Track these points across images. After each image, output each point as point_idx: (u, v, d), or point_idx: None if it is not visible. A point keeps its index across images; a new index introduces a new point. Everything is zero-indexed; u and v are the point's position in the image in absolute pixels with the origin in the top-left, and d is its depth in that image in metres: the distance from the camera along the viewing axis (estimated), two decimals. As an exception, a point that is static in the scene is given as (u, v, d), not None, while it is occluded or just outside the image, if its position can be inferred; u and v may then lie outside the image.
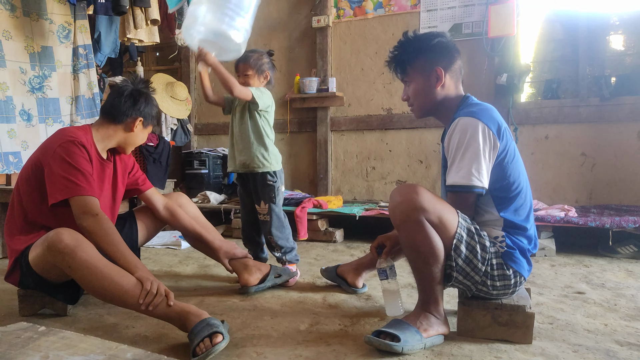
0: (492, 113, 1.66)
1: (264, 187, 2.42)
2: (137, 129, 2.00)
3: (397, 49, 1.79)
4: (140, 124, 2.00)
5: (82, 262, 1.61)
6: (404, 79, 1.80)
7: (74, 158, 1.80)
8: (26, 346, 1.01)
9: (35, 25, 3.42)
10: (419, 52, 1.73)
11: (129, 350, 1.00)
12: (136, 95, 1.98)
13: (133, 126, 1.98)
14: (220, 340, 1.46)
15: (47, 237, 1.66)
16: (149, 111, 2.02)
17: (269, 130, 2.46)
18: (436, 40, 1.73)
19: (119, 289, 1.61)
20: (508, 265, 1.61)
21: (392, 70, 1.82)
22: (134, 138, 2.03)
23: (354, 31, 4.33)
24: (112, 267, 1.64)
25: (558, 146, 3.71)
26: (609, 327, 1.76)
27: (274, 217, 2.42)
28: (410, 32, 1.78)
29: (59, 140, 1.84)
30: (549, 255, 3.03)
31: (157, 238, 3.58)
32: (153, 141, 3.94)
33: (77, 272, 1.63)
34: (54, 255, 1.64)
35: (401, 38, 1.79)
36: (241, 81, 2.41)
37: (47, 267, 1.74)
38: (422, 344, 1.54)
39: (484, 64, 3.83)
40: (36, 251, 1.73)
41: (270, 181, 2.42)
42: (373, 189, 4.35)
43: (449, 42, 1.75)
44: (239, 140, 2.45)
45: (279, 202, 2.45)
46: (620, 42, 3.81)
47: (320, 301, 2.10)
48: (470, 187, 1.58)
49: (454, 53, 1.75)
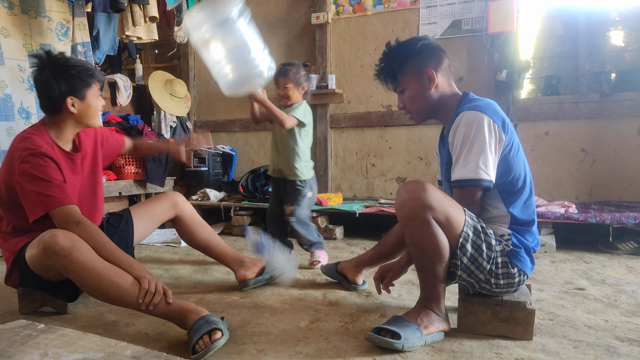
0: (495, 107, 1.65)
1: (293, 191, 2.67)
2: (76, 106, 1.84)
3: (383, 60, 1.78)
4: (73, 100, 1.83)
5: (78, 264, 1.61)
6: (396, 88, 1.79)
7: (40, 170, 1.74)
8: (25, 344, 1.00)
9: (33, 23, 3.41)
10: (407, 59, 1.73)
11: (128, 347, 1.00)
12: (46, 78, 1.80)
13: (69, 108, 1.84)
14: (219, 337, 1.45)
15: (42, 239, 1.65)
16: (70, 83, 1.82)
17: (306, 141, 2.69)
18: (420, 43, 1.73)
19: (116, 289, 1.60)
20: (513, 263, 1.61)
21: (383, 82, 1.81)
22: (84, 114, 1.88)
23: (353, 28, 4.32)
24: (109, 268, 1.63)
25: (558, 142, 3.70)
26: (610, 323, 1.76)
27: (296, 217, 2.65)
28: (392, 41, 1.78)
29: (18, 154, 1.76)
30: (549, 251, 3.03)
31: (157, 235, 3.58)
32: (152, 139, 3.93)
33: (74, 274, 1.63)
34: (50, 257, 1.63)
35: (384, 49, 1.78)
36: (281, 93, 2.63)
37: (44, 268, 1.74)
38: (422, 341, 1.54)
39: (484, 61, 3.82)
40: (32, 252, 1.72)
41: (298, 186, 2.67)
42: (373, 186, 4.34)
43: (433, 42, 1.76)
44: (280, 149, 2.69)
45: (302, 205, 2.68)
46: (620, 37, 3.80)
47: (320, 298, 2.10)
48: (477, 180, 1.57)
49: (440, 52, 1.75)
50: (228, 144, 4.87)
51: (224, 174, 4.79)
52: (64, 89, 1.81)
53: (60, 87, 1.80)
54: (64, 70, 1.81)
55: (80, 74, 1.83)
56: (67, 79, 1.81)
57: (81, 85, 1.84)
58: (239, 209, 3.93)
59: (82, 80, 1.83)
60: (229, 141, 4.93)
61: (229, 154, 4.77)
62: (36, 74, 1.83)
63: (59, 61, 1.82)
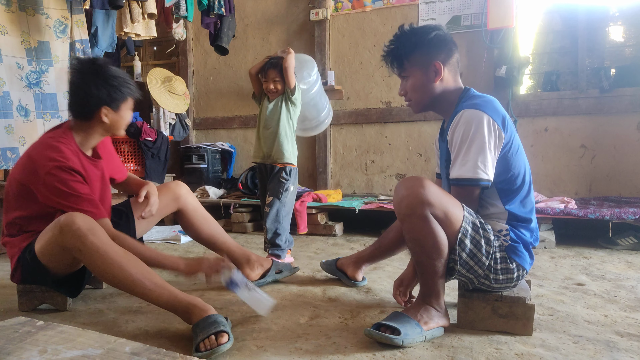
0: (496, 105, 1.64)
1: (277, 183, 2.59)
2: (109, 116, 1.84)
3: (393, 42, 1.75)
4: (108, 111, 1.83)
5: (92, 247, 1.60)
6: (401, 73, 1.77)
7: (68, 185, 1.73)
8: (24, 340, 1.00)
9: (31, 20, 3.40)
10: (417, 46, 1.70)
11: (128, 344, 0.99)
12: (86, 84, 1.78)
13: (102, 117, 1.83)
14: (226, 341, 1.44)
15: (59, 220, 1.65)
16: (110, 94, 1.81)
17: (295, 123, 2.68)
18: (433, 33, 1.70)
19: (127, 277, 1.60)
20: (511, 258, 1.61)
21: (389, 65, 1.78)
22: (114, 125, 1.88)
23: (352, 24, 4.31)
24: (122, 255, 1.63)
25: (557, 138, 3.70)
26: (609, 318, 1.76)
27: (272, 212, 2.55)
28: (407, 25, 1.75)
29: (44, 164, 1.74)
30: (549, 247, 3.03)
31: (156, 233, 3.58)
32: (151, 136, 3.92)
33: (87, 256, 1.62)
34: (66, 236, 1.62)
35: (397, 31, 1.75)
36: (271, 87, 2.60)
37: (55, 254, 1.71)
38: (422, 336, 1.53)
39: (483, 56, 3.82)
40: (45, 237, 1.70)
41: (283, 178, 2.59)
42: (372, 183, 4.34)
43: (446, 35, 1.72)
44: (269, 130, 2.62)
45: (283, 200, 2.58)
46: (619, 33, 3.80)
47: (320, 294, 2.10)
48: (476, 180, 1.57)
49: (452, 46, 1.72)
50: (227, 141, 4.87)
51: (223, 171, 4.79)
52: (102, 98, 1.80)
53: (100, 95, 1.79)
54: (105, 80, 1.79)
55: (121, 86, 1.83)
56: (107, 89, 1.80)
57: (119, 97, 1.83)
58: (238, 206, 3.93)
59: (121, 92, 1.83)
60: (228, 138, 4.93)
61: (228, 151, 4.76)
62: (75, 78, 1.81)
63: (101, 69, 1.80)
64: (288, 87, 2.58)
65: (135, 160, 3.90)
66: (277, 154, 2.61)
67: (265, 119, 2.64)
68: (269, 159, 2.64)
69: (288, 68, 2.54)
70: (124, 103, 1.87)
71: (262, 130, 2.67)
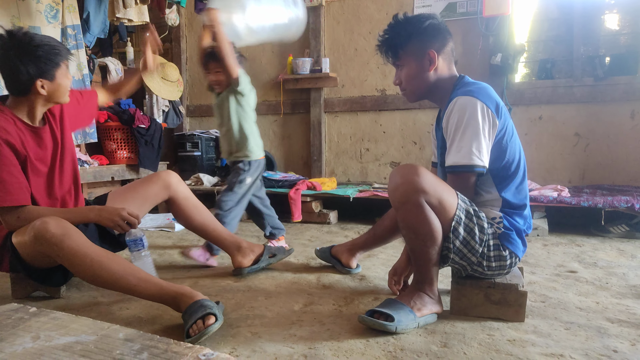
0: (490, 92, 1.64)
1: (233, 173, 2.48)
2: (46, 87, 1.75)
3: (387, 32, 1.75)
4: (43, 82, 1.74)
5: (70, 251, 1.60)
6: (395, 63, 1.77)
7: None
8: (17, 327, 0.99)
9: (21, 5, 3.34)
10: (411, 36, 1.70)
11: (121, 330, 0.99)
12: (12, 61, 1.69)
13: (39, 90, 1.74)
14: (213, 322, 1.45)
15: (33, 227, 1.63)
16: (39, 66, 1.71)
17: (251, 114, 2.50)
18: (428, 22, 1.69)
19: (110, 274, 1.60)
20: (504, 246, 1.62)
21: (383, 54, 1.78)
22: (53, 94, 1.80)
23: (348, 10, 4.28)
24: (101, 253, 1.63)
25: (552, 126, 3.70)
26: (601, 305, 1.78)
27: (223, 201, 2.42)
28: (401, 15, 1.75)
29: None
30: (542, 235, 3.05)
31: (150, 220, 3.57)
32: (145, 123, 3.89)
33: (66, 260, 1.62)
34: (42, 245, 1.62)
35: (391, 21, 1.75)
36: (212, 79, 2.45)
37: (34, 255, 1.72)
38: (415, 323, 1.55)
39: (479, 44, 3.80)
40: (22, 239, 1.69)
41: (240, 169, 2.46)
42: (367, 171, 4.34)
43: (441, 23, 1.72)
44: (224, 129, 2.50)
45: (236, 190, 2.44)
46: (615, 21, 3.78)
47: (314, 282, 2.11)
48: (471, 166, 1.57)
49: (446, 35, 1.72)
50: (221, 129, 4.84)
51: (217, 159, 4.77)
52: (32, 72, 1.71)
53: (29, 70, 1.70)
54: (30, 52, 1.69)
55: (48, 54, 1.72)
56: (35, 62, 1.71)
57: (50, 66, 1.74)
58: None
59: (50, 60, 1.73)
60: (223, 126, 4.90)
61: (223, 139, 4.74)
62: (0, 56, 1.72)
63: (23, 42, 1.70)
64: (230, 78, 2.38)
65: (128, 147, 3.87)
66: (238, 151, 2.49)
67: (217, 115, 2.53)
68: (232, 156, 2.52)
69: (225, 57, 2.29)
70: (57, 70, 1.77)
71: (218, 126, 2.57)
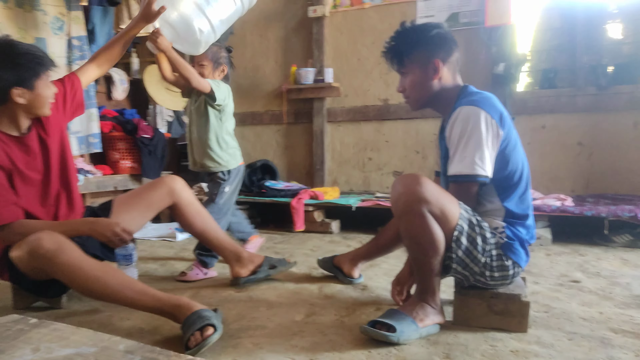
0: (493, 101, 1.64)
1: (212, 185, 2.51)
2: (26, 96, 1.71)
3: (394, 39, 1.76)
4: (22, 91, 1.69)
5: (65, 265, 1.60)
6: (400, 70, 1.78)
7: None
8: (17, 338, 1.00)
9: (28, 17, 3.38)
10: (417, 44, 1.71)
11: (122, 342, 0.99)
12: None
13: (16, 99, 1.69)
14: (212, 333, 1.44)
15: (27, 242, 1.62)
16: (17, 73, 1.66)
17: (228, 125, 2.49)
18: (434, 31, 1.70)
19: (106, 287, 1.60)
20: (507, 256, 1.61)
21: (389, 61, 1.80)
22: (32, 104, 1.74)
23: (351, 21, 4.30)
24: (96, 266, 1.63)
25: (555, 136, 3.70)
26: (604, 315, 1.76)
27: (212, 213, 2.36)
28: (408, 22, 1.76)
29: None
30: (545, 244, 3.03)
31: (152, 230, 3.58)
32: (148, 133, 3.91)
33: (62, 275, 1.62)
34: (36, 260, 1.62)
35: (398, 28, 1.76)
36: (197, 70, 2.37)
37: (31, 269, 1.72)
38: (417, 333, 1.54)
39: (481, 54, 3.81)
40: (19, 253, 1.68)
41: (219, 179, 2.48)
42: (370, 180, 4.34)
43: (447, 33, 1.73)
44: (197, 136, 2.45)
45: (218, 201, 2.48)
46: (618, 30, 3.78)
47: (316, 292, 2.10)
48: (474, 176, 1.57)
49: (452, 45, 1.73)
50: (225, 138, 4.85)
51: (220, 168, 4.77)
52: (10, 79, 1.66)
53: (7, 77, 1.65)
54: (11, 59, 1.66)
55: (30, 62, 1.68)
56: (14, 69, 1.66)
57: (29, 75, 1.69)
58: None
59: (30, 69, 1.69)
60: (226, 135, 4.91)
61: (226, 148, 4.75)
62: None
63: (4, 48, 1.67)
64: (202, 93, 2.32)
65: (132, 157, 3.89)
66: (213, 163, 2.46)
67: (192, 120, 2.47)
68: (205, 167, 2.49)
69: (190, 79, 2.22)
70: (37, 80, 1.72)
71: (190, 136, 2.48)
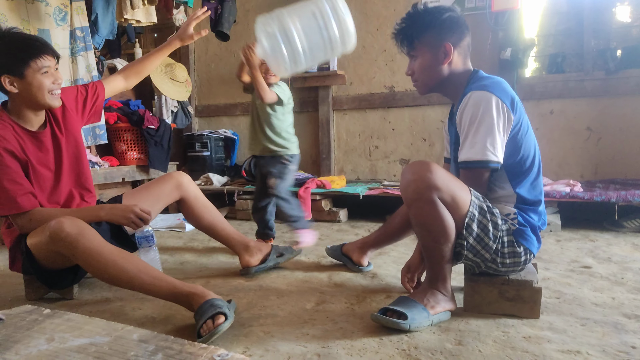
0: (504, 86, 1.61)
1: (280, 165, 2.64)
2: (17, 85, 1.72)
3: (405, 21, 1.72)
4: (11, 79, 1.71)
5: (85, 250, 1.62)
6: (410, 52, 1.74)
7: None
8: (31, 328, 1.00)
9: (30, 8, 3.36)
10: (429, 27, 1.67)
11: (135, 331, 0.99)
12: None
13: (7, 87, 1.71)
14: (223, 322, 1.44)
15: (48, 227, 1.65)
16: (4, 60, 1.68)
17: (289, 118, 2.69)
18: (447, 14, 1.67)
19: (124, 273, 1.61)
20: (519, 242, 1.60)
21: (398, 43, 1.76)
22: (27, 94, 1.74)
23: (355, 7, 4.24)
24: (116, 253, 1.64)
25: (563, 121, 3.66)
26: (616, 300, 1.75)
27: (278, 190, 2.62)
28: (420, 5, 1.73)
29: None
30: (555, 230, 3.02)
31: (161, 221, 3.58)
32: (154, 124, 3.90)
33: (81, 260, 1.64)
34: (57, 244, 1.64)
35: (410, 10, 1.73)
36: (265, 78, 2.53)
37: (49, 255, 1.74)
38: (429, 320, 1.53)
39: (488, 39, 3.77)
40: (37, 239, 1.72)
41: (286, 160, 2.65)
42: (376, 168, 4.32)
43: (460, 17, 1.69)
44: (264, 129, 2.63)
45: (286, 178, 2.66)
46: (626, 13, 3.73)
47: (325, 280, 2.10)
48: (485, 162, 1.55)
49: (464, 29, 1.69)
50: (230, 128, 4.85)
51: (226, 159, 4.77)
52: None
53: None
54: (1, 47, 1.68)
55: (19, 50, 1.69)
56: (3, 56, 1.68)
57: (15, 62, 1.69)
58: (242, 193, 3.92)
59: (14, 57, 1.69)
60: (231, 125, 4.90)
61: (231, 138, 4.74)
62: None
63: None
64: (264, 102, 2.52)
65: (138, 148, 3.88)
66: (282, 148, 2.64)
67: (259, 120, 2.64)
68: (273, 152, 2.64)
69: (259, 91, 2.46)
70: (26, 68, 1.71)
71: (257, 128, 2.66)
